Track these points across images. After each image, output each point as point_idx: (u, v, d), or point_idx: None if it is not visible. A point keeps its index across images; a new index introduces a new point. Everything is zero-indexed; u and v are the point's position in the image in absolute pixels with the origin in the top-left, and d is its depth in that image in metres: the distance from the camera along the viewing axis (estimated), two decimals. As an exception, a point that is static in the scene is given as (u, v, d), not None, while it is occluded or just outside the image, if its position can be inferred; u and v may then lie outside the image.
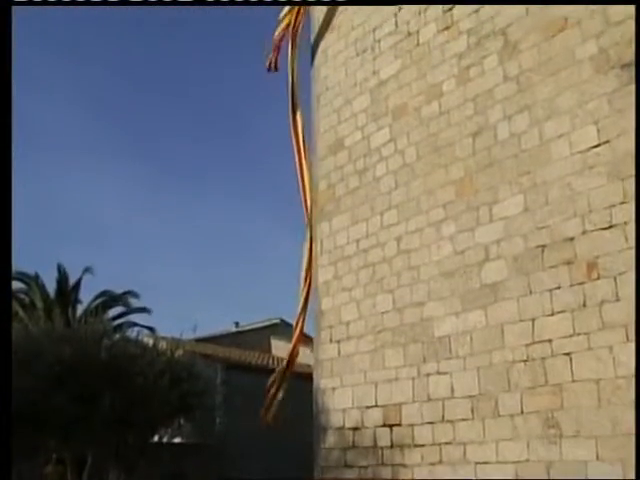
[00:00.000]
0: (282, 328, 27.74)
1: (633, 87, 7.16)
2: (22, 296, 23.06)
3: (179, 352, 17.18)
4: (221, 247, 60.17)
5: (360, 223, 9.82)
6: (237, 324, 32.28)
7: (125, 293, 24.46)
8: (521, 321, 7.59)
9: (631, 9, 7.42)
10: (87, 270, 24.21)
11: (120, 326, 22.42)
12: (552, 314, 7.33)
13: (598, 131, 7.39)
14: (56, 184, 51.67)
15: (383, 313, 9.17)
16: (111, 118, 54.31)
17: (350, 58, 10.81)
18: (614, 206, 7.03)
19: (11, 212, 5.91)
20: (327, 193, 10.51)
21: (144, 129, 55.61)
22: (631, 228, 6.80)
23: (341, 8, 11.25)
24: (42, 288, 23.40)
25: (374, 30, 10.53)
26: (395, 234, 9.25)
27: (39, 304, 22.71)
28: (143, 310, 24.56)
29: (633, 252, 6.71)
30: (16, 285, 22.51)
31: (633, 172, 6.90)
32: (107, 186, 52.56)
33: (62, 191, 53.21)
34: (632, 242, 6.75)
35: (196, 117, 55.75)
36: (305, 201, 10.59)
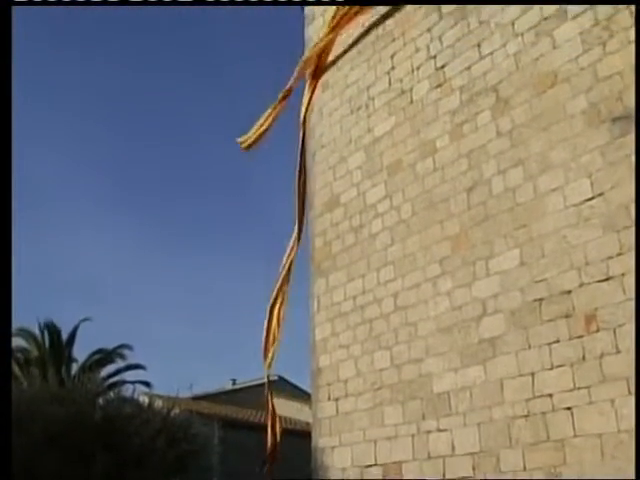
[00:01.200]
0: (280, 385, 27.48)
1: (624, 140, 7.25)
2: (18, 354, 22.84)
3: (175, 411, 16.96)
4: (219, 304, 59.97)
5: (357, 280, 9.81)
6: (234, 381, 31.99)
7: (119, 347, 24.25)
8: (521, 376, 7.52)
9: (619, 65, 7.58)
10: (83, 321, 23.98)
11: (115, 384, 22.17)
12: (552, 368, 7.27)
13: (592, 184, 7.44)
14: (51, 239, 51.73)
15: (381, 370, 9.09)
16: (109, 172, 54.77)
17: (345, 116, 10.94)
18: (611, 258, 7.05)
19: (11, 268, 5.92)
20: (323, 250, 10.52)
21: (143, 184, 56.02)
22: (629, 279, 6.80)
23: (334, 67, 11.44)
24: (36, 346, 23.18)
25: (368, 88, 10.69)
26: (392, 290, 9.23)
27: (33, 362, 22.47)
28: (138, 367, 24.34)
29: (632, 303, 6.70)
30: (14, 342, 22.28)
31: (628, 224, 6.95)
32: (104, 241, 52.66)
33: (58, 246, 53.21)
34: (630, 294, 6.75)
35: (198, 173, 56.19)
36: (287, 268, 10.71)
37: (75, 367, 23.57)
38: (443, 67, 9.58)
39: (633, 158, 7.12)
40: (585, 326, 7.10)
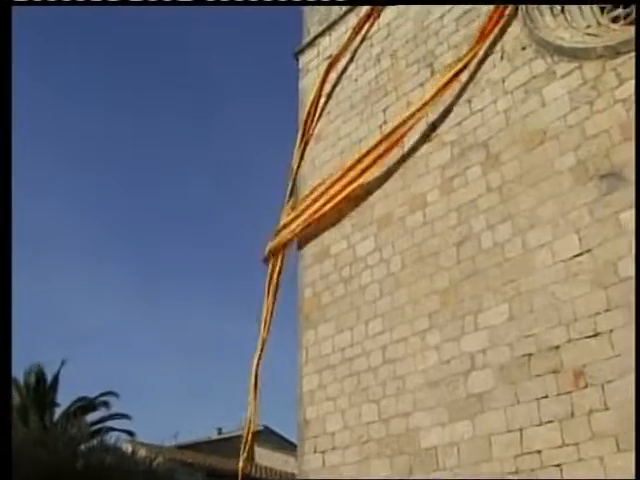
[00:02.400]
0: (266, 435, 27.18)
1: (612, 197, 7.35)
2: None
3: (159, 460, 16.75)
4: (208, 352, 59.51)
5: (345, 331, 9.77)
6: (220, 430, 31.58)
7: (105, 394, 23.97)
8: (509, 431, 7.48)
9: (606, 124, 7.72)
10: (63, 364, 23.67)
11: (99, 431, 21.86)
12: (540, 424, 7.23)
13: (580, 240, 7.52)
14: (39, 284, 51.40)
15: (369, 423, 9.01)
16: (100, 218, 54.79)
17: (337, 168, 11.00)
18: (598, 314, 7.08)
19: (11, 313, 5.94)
20: (313, 301, 10.50)
21: (132, 228, 56.02)
22: (617, 336, 6.83)
23: (327, 119, 11.59)
24: (18, 392, 22.84)
25: (360, 141, 10.79)
26: (380, 343, 9.20)
27: (14, 409, 22.14)
28: (123, 416, 24.04)
29: (620, 359, 6.73)
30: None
31: (615, 280, 7.01)
32: (94, 287, 52.41)
33: (47, 291, 52.88)
34: (618, 350, 6.77)
35: (186, 218, 56.23)
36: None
37: (58, 412, 23.28)
38: (434, 122, 9.71)
39: (621, 215, 7.21)
40: (573, 382, 7.09)
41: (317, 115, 11.77)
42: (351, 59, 11.75)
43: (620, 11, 8.88)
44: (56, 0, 9.86)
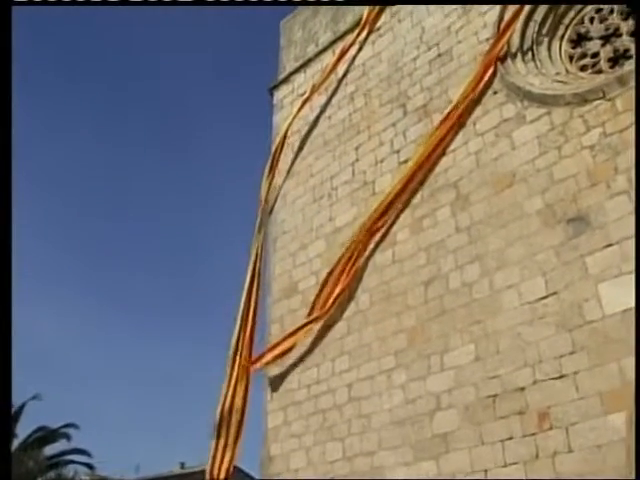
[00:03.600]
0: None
1: (578, 240, 7.46)
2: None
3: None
4: (171, 387, 58.77)
5: (312, 368, 9.70)
6: (182, 465, 31.03)
7: (65, 426, 23.47)
8: (474, 472, 7.44)
9: (573, 169, 7.86)
10: (32, 399, 23.17)
11: (57, 464, 21.37)
12: (505, 465, 7.21)
13: (546, 282, 7.59)
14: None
15: (333, 461, 8.91)
16: (67, 249, 54.23)
17: (307, 204, 11.08)
18: (563, 356, 7.12)
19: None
20: (280, 337, 10.42)
21: (99, 262, 55.47)
22: (581, 378, 6.88)
23: (299, 155, 11.67)
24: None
25: (332, 178, 10.87)
26: (347, 381, 9.15)
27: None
28: (82, 452, 23.53)
29: (584, 402, 6.76)
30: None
31: (580, 323, 7.09)
32: (56, 318, 51.68)
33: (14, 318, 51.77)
34: (583, 392, 6.81)
35: (155, 253, 55.88)
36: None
37: (16, 444, 22.76)
38: (406, 161, 9.81)
39: (586, 259, 7.32)
40: (538, 424, 7.10)
41: (290, 150, 11.86)
42: (325, 97, 11.89)
43: (588, 60, 9.12)
44: (56, 0, 9.85)
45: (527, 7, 9.57)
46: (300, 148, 11.82)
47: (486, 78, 9.37)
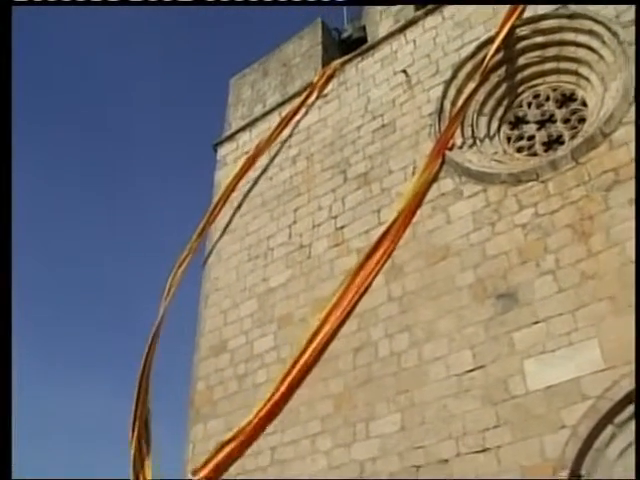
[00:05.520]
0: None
1: (506, 316, 7.63)
2: None
3: None
4: (91, 439, 56.53)
5: (234, 430, 9.51)
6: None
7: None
8: None
9: (505, 246, 8.06)
10: None
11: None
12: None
13: (474, 356, 7.69)
14: None
15: (253, 525, 8.70)
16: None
17: (243, 262, 11.03)
18: (487, 430, 7.17)
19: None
20: (205, 394, 10.22)
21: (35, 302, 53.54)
22: (504, 452, 6.92)
23: (237, 213, 11.69)
24: None
25: (268, 238, 10.89)
26: (271, 443, 8.99)
27: None
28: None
29: (506, 476, 6.79)
30: None
31: (505, 397, 7.17)
32: None
33: None
34: (504, 466, 6.86)
35: (83, 307, 54.33)
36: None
37: None
38: (343, 228, 9.92)
39: (514, 335, 7.47)
40: (461, 496, 7.09)
41: (229, 207, 11.86)
42: (268, 157, 11.99)
43: (524, 142, 9.46)
44: (56, 0, 9.76)
45: (468, 87, 9.91)
46: (239, 206, 11.83)
47: (434, 170, 9.41)
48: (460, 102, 9.75)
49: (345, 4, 12.46)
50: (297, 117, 12.04)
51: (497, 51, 9.75)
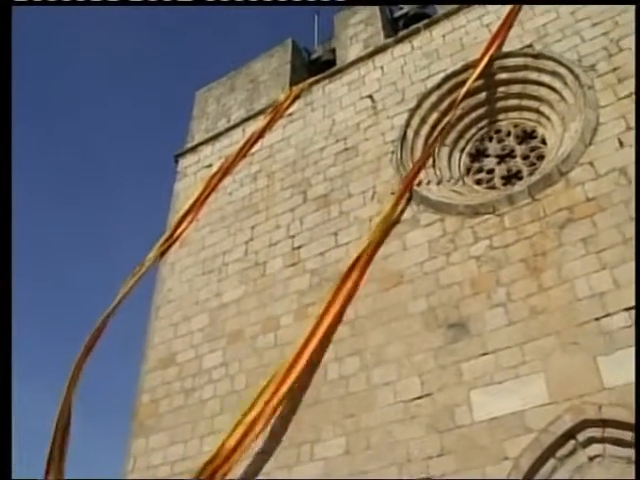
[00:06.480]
0: None
1: (456, 346, 7.68)
2: None
3: None
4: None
5: (178, 444, 9.35)
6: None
7: None
8: None
9: (459, 277, 8.15)
10: None
11: None
12: None
13: (422, 383, 7.70)
14: None
15: None
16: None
17: (196, 275, 10.95)
18: (431, 458, 7.16)
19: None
20: (149, 407, 10.05)
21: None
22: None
23: (194, 226, 11.62)
24: None
25: (224, 253, 10.83)
26: (211, 463, 8.87)
27: None
28: None
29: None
30: None
31: (451, 426, 7.20)
32: None
33: None
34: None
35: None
36: None
37: None
38: (299, 248, 9.92)
39: (462, 365, 7.52)
40: (399, 524, 7.09)
41: (186, 221, 11.79)
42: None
43: (484, 175, 9.60)
44: (56, 0, 9.63)
45: (432, 116, 10.06)
46: (196, 219, 11.77)
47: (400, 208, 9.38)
48: (432, 138, 9.86)
49: (345, 4, 12.57)
50: (261, 135, 12.06)
51: (475, 80, 9.89)
